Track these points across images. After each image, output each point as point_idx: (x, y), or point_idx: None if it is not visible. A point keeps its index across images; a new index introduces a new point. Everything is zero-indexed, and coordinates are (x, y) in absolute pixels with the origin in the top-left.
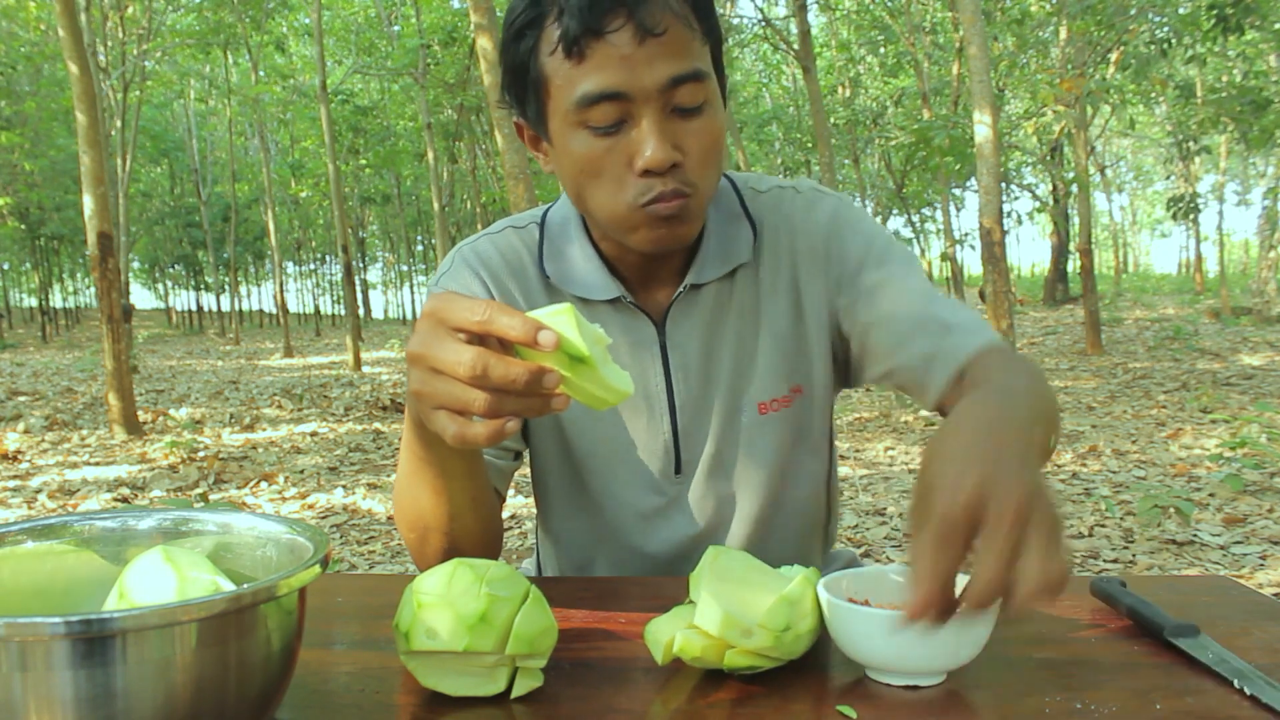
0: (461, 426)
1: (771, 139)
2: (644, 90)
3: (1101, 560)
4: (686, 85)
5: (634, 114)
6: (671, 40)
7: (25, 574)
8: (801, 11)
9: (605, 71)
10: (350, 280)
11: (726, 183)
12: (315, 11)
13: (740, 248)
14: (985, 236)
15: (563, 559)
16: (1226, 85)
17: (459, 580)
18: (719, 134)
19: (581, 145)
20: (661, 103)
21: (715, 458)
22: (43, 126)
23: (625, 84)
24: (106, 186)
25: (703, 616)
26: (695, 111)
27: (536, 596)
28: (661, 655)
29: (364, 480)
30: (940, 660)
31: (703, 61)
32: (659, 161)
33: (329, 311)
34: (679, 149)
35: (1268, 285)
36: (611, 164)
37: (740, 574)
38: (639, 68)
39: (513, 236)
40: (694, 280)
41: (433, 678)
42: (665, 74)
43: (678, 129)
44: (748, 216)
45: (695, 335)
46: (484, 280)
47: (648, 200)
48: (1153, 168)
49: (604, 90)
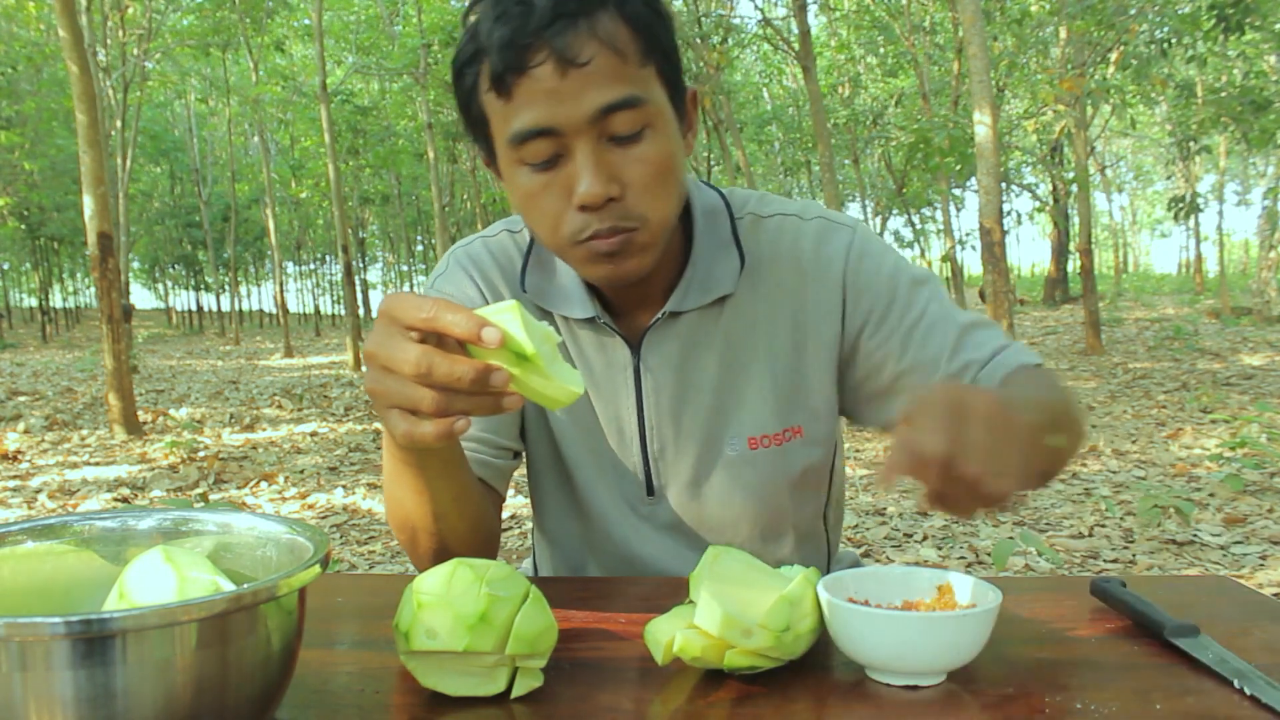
0: (411, 425)
1: (771, 139)
2: (572, 123)
3: (1101, 560)
4: (620, 113)
5: (568, 147)
6: (599, 69)
7: (25, 574)
8: (801, 11)
9: (532, 108)
10: (350, 280)
11: (721, 204)
12: (315, 11)
13: (724, 279)
14: (985, 236)
15: (557, 560)
16: (1226, 85)
17: (459, 580)
18: (665, 159)
19: (523, 181)
20: (594, 134)
21: (693, 485)
22: (43, 126)
23: (552, 119)
24: (106, 186)
25: (703, 616)
26: (634, 139)
27: (536, 596)
28: (662, 655)
29: (364, 480)
30: (940, 660)
31: (639, 86)
32: (592, 196)
33: (329, 311)
34: (618, 180)
35: (1268, 285)
36: (550, 199)
37: (740, 574)
38: (565, 101)
39: (507, 240)
40: (673, 308)
41: (433, 678)
42: (593, 105)
43: (616, 159)
44: (738, 246)
45: (671, 362)
46: (477, 282)
47: (586, 236)
48: (1153, 168)
49: (531, 127)
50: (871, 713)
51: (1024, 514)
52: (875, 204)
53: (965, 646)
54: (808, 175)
